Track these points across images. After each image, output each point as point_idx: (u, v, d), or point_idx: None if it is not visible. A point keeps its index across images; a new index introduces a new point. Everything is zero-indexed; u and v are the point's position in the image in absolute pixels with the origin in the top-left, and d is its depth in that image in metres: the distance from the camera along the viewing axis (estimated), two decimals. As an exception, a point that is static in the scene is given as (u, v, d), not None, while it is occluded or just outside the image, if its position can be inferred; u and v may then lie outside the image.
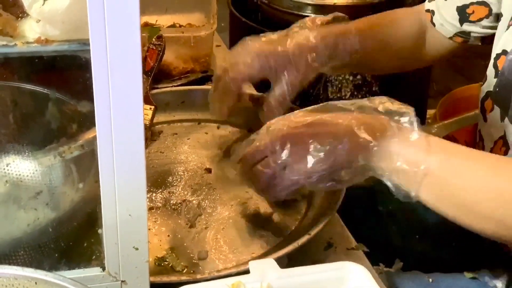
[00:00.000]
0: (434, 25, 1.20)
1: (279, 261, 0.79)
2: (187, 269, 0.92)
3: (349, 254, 0.97)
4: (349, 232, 1.02)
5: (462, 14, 1.15)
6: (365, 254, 0.99)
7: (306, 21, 1.14)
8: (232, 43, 1.98)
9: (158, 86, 1.29)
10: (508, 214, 0.83)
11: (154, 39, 1.30)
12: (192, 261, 0.94)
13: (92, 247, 0.77)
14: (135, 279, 0.72)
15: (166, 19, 1.52)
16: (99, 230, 0.72)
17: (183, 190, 1.07)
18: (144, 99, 0.65)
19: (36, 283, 0.63)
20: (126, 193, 0.68)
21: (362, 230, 1.06)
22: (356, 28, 1.15)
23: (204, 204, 1.04)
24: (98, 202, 0.69)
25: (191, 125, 1.24)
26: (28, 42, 0.72)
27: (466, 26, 1.16)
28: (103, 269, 0.72)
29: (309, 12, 1.81)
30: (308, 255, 0.93)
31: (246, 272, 0.76)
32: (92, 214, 0.76)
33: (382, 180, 0.88)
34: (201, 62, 1.42)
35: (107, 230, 0.70)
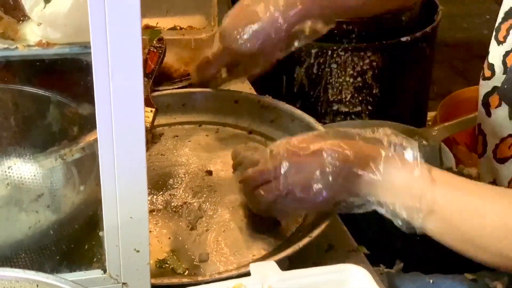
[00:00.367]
0: None
1: (280, 263, 0.79)
2: (188, 271, 0.93)
3: (350, 256, 0.97)
4: (349, 234, 1.02)
5: None
6: (365, 256, 0.99)
7: None
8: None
9: (158, 89, 1.29)
10: None
11: (155, 42, 1.30)
12: (193, 263, 0.94)
13: (93, 250, 0.77)
14: (136, 282, 0.72)
15: (167, 22, 1.51)
16: (100, 233, 0.72)
17: (184, 192, 1.07)
18: (145, 102, 0.65)
19: (37, 286, 0.63)
20: (127, 195, 0.68)
21: (363, 232, 1.06)
22: None
23: (205, 206, 1.04)
24: (99, 205, 0.69)
25: (192, 127, 1.24)
26: (29, 45, 0.72)
27: None
28: (104, 271, 0.72)
29: (309, 14, 1.80)
30: (309, 257, 0.93)
31: (247, 274, 0.76)
32: (93, 216, 0.76)
33: (383, 214, 0.88)
34: (202, 65, 1.42)
35: (108, 233, 0.70)
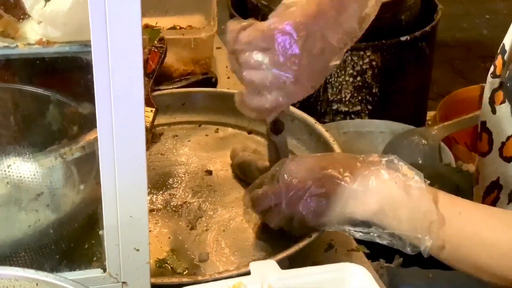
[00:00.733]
0: None
1: (280, 262, 0.79)
2: (188, 271, 0.92)
3: (349, 255, 0.98)
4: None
5: None
6: (365, 255, 0.99)
7: None
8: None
9: (158, 88, 1.29)
10: None
11: (156, 42, 1.30)
12: (193, 262, 0.94)
13: (93, 249, 0.77)
14: (136, 281, 0.72)
15: (167, 21, 1.51)
16: (100, 232, 0.72)
17: (184, 192, 1.07)
18: (145, 102, 0.65)
19: (37, 285, 0.63)
20: (127, 194, 0.68)
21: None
22: None
23: (204, 206, 1.04)
24: (99, 204, 0.69)
25: (192, 127, 1.24)
26: (29, 44, 0.72)
27: None
28: (104, 270, 0.72)
29: (309, 14, 1.80)
30: (308, 257, 0.93)
31: (247, 273, 0.76)
32: (93, 215, 0.76)
33: (382, 239, 0.88)
34: (201, 64, 1.42)
35: (108, 232, 0.70)
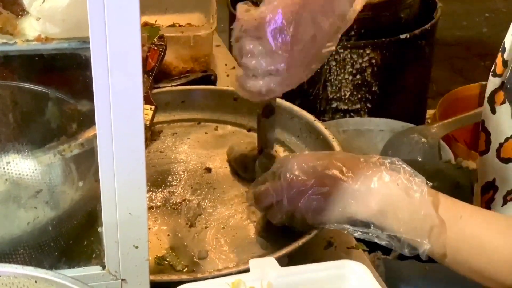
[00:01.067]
0: None
1: (280, 260, 0.79)
2: (187, 268, 0.92)
3: (349, 252, 0.97)
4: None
5: None
6: (364, 252, 0.99)
7: None
8: (231, 44, 1.98)
9: (158, 86, 1.29)
10: None
11: (155, 39, 1.30)
12: (192, 260, 0.94)
13: (92, 246, 0.77)
14: (135, 278, 0.72)
15: (166, 19, 1.52)
16: (99, 229, 0.72)
17: (183, 189, 1.07)
18: (144, 99, 0.65)
19: (36, 282, 0.63)
20: (126, 191, 0.68)
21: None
22: None
23: (204, 203, 1.04)
24: (98, 201, 0.69)
25: (191, 124, 1.24)
26: (28, 40, 0.72)
27: None
28: (103, 267, 0.72)
29: (308, 12, 1.80)
30: (308, 254, 0.93)
31: (247, 271, 0.76)
32: (92, 212, 0.76)
33: (383, 241, 0.88)
34: (201, 62, 1.42)
35: (107, 229, 0.69)
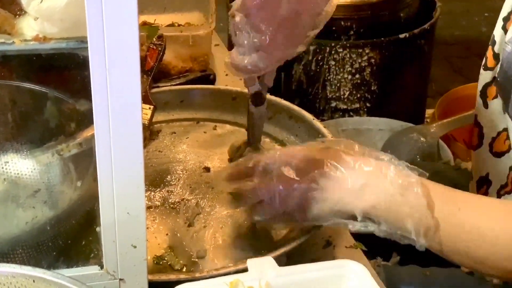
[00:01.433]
0: None
1: (278, 259, 0.79)
2: (186, 267, 0.92)
3: (347, 252, 0.97)
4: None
5: None
6: (363, 252, 0.99)
7: None
8: (230, 43, 1.98)
9: (157, 85, 1.29)
10: None
11: (154, 39, 1.30)
12: (191, 259, 0.94)
13: (90, 245, 0.77)
14: (134, 277, 0.72)
15: (165, 18, 1.51)
16: (97, 228, 0.72)
17: (182, 189, 1.07)
18: (143, 99, 0.65)
19: (34, 281, 0.63)
20: (124, 191, 0.68)
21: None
22: None
23: (202, 203, 1.04)
24: (96, 200, 0.69)
25: (190, 124, 1.24)
26: (26, 40, 0.72)
27: None
28: (101, 267, 0.72)
29: (307, 11, 1.80)
30: (306, 254, 0.93)
31: (245, 270, 0.76)
32: (90, 212, 0.76)
33: (381, 233, 0.88)
34: (199, 61, 1.42)
35: (105, 228, 0.69)
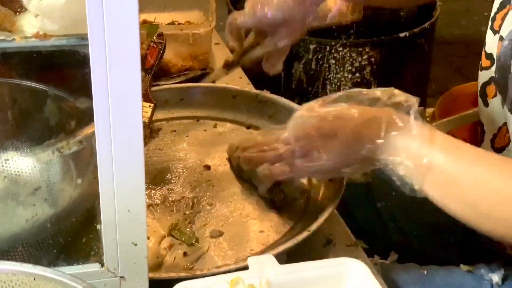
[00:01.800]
0: None
1: (278, 257, 0.79)
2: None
3: (348, 250, 0.97)
4: (348, 228, 1.02)
5: None
6: (363, 250, 0.99)
7: None
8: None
9: (157, 84, 1.29)
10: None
11: (155, 37, 1.30)
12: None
13: (90, 243, 0.77)
14: (134, 275, 0.72)
15: (165, 17, 1.51)
16: (98, 226, 0.72)
17: (182, 187, 1.07)
18: (143, 97, 0.65)
19: (34, 279, 0.63)
20: (124, 189, 0.68)
21: (361, 227, 1.06)
22: None
23: (203, 201, 1.04)
24: (97, 198, 0.69)
25: (190, 122, 1.24)
26: (26, 37, 0.72)
27: None
28: (102, 265, 0.72)
29: (308, 10, 1.80)
30: (307, 252, 0.93)
31: (245, 268, 0.76)
32: (90, 210, 0.76)
33: (387, 172, 0.88)
34: (200, 60, 1.42)
35: (106, 226, 0.69)
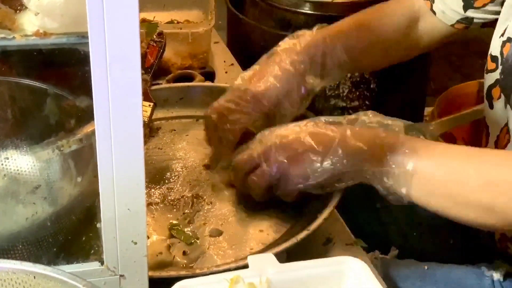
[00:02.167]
0: (434, 13, 1.17)
1: (278, 256, 0.79)
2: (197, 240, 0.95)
3: (347, 249, 0.97)
4: (347, 227, 1.02)
5: (467, 1, 1.13)
6: (363, 249, 0.99)
7: (288, 41, 1.12)
8: (230, 41, 1.98)
9: (156, 83, 1.29)
10: (496, 200, 0.86)
11: (155, 36, 1.30)
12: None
13: (90, 242, 0.77)
14: (134, 273, 0.72)
15: (164, 16, 1.52)
16: (98, 225, 0.72)
17: (182, 186, 1.07)
18: (143, 96, 0.65)
19: (34, 277, 0.63)
20: (124, 187, 0.68)
21: (360, 227, 1.06)
22: (339, 31, 1.14)
23: (202, 200, 1.04)
24: (97, 197, 0.69)
25: (190, 121, 1.24)
26: (26, 35, 0.72)
27: (470, 13, 1.13)
28: (102, 263, 0.72)
29: (307, 9, 1.80)
30: (307, 251, 0.93)
31: (245, 267, 0.76)
32: (90, 208, 0.76)
33: (373, 185, 0.92)
34: (199, 59, 1.42)
35: (106, 225, 0.69)
